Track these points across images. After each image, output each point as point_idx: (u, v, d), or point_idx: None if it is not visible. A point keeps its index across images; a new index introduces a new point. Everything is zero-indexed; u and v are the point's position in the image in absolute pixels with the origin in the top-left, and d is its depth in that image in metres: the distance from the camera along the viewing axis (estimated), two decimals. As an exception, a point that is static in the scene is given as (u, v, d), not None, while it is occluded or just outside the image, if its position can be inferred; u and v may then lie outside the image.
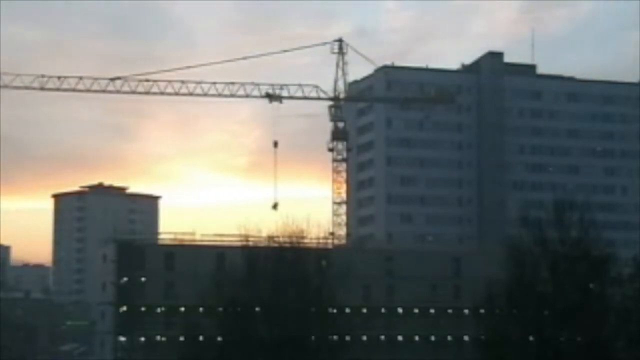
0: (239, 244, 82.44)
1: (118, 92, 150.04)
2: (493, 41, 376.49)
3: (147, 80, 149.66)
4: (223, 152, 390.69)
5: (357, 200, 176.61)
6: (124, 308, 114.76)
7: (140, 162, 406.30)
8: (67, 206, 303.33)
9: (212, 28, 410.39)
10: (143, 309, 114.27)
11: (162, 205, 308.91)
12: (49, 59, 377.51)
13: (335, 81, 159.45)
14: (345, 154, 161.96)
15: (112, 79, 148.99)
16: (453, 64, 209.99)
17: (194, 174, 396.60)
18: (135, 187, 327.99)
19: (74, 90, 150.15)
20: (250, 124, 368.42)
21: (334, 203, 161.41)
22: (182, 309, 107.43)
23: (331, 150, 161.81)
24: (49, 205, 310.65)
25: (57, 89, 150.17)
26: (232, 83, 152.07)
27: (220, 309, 77.07)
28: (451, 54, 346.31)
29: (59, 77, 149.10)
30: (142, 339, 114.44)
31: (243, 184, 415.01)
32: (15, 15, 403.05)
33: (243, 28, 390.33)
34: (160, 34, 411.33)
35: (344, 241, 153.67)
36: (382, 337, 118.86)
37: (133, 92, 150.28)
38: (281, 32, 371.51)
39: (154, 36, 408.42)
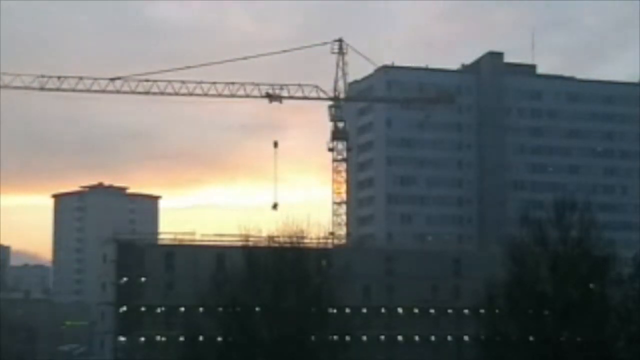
0: (239, 244, 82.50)
1: (118, 92, 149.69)
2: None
3: (147, 80, 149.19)
4: (223, 151, 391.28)
5: (357, 200, 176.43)
6: (124, 308, 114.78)
7: (141, 161, 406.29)
8: (67, 206, 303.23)
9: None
10: (143, 309, 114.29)
11: (162, 205, 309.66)
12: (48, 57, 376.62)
13: (335, 81, 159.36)
14: (345, 154, 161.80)
15: (112, 79, 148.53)
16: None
17: (193, 174, 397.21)
18: (135, 187, 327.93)
19: (73, 90, 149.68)
20: (249, 124, 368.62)
21: (334, 203, 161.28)
22: (182, 309, 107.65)
23: (331, 150, 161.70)
24: (48, 204, 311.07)
25: (57, 89, 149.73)
26: (232, 83, 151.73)
27: (220, 309, 77.06)
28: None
29: (58, 77, 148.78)
30: (142, 339, 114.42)
31: (243, 184, 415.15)
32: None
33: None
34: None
35: (344, 241, 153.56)
36: (382, 337, 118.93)
37: (133, 92, 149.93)
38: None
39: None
